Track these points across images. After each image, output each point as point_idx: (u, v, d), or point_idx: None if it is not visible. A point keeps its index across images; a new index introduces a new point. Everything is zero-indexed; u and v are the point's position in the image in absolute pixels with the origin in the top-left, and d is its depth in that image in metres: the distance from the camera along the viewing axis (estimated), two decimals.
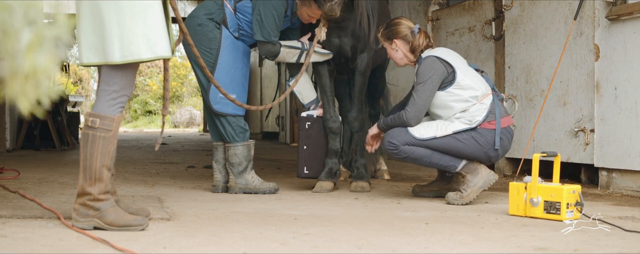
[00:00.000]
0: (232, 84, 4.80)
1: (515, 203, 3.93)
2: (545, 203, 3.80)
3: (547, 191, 3.80)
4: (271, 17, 4.71)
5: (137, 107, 31.11)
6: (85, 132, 3.21)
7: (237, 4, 4.83)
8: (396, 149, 4.43)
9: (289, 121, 13.18)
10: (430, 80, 4.41)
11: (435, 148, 4.40)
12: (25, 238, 2.95)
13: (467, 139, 4.37)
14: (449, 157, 4.43)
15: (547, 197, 3.80)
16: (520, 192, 3.91)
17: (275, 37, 4.77)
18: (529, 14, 6.05)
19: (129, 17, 3.11)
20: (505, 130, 4.44)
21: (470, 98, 4.38)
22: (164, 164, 7.59)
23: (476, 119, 4.37)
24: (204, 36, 4.79)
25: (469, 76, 4.44)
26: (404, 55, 4.64)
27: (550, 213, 3.78)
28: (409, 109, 4.44)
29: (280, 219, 3.65)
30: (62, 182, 5.35)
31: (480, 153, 4.41)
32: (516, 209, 3.93)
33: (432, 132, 4.39)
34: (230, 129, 4.85)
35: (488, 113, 4.38)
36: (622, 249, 2.95)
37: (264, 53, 4.89)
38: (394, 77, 8.22)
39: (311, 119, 5.11)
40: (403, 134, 4.43)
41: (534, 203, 3.82)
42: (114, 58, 3.12)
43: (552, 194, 3.78)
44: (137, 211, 3.45)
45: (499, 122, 4.39)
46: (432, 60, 4.45)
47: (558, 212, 3.75)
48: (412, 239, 3.11)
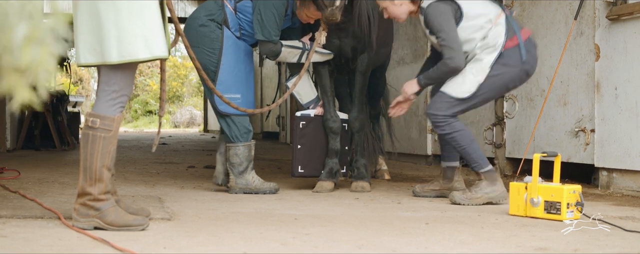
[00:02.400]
0: (237, 84, 4.83)
1: (516, 203, 3.93)
2: (546, 203, 3.80)
3: (548, 191, 3.80)
4: (271, 16, 4.71)
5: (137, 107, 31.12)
6: (86, 132, 3.21)
7: (238, 4, 4.84)
8: (444, 121, 4.36)
9: (289, 121, 13.19)
10: (446, 23, 4.32)
11: (482, 98, 4.37)
12: (25, 238, 2.95)
13: (500, 70, 4.32)
14: (482, 154, 4.40)
15: (548, 197, 3.80)
16: (520, 192, 3.91)
17: (276, 37, 4.78)
18: (529, 13, 6.05)
19: (127, 17, 3.11)
20: (527, 42, 4.39)
21: (484, 24, 4.33)
22: (165, 164, 7.59)
23: (498, 41, 4.32)
24: (206, 37, 4.80)
25: (474, 4, 4.39)
26: (407, 6, 4.53)
27: (550, 213, 3.78)
28: (448, 55, 4.31)
29: (280, 219, 3.64)
30: (63, 182, 5.35)
31: (516, 75, 4.35)
32: (516, 209, 3.93)
33: (473, 81, 4.31)
34: (235, 129, 4.85)
35: (507, 31, 4.33)
36: (622, 249, 2.95)
37: (265, 52, 4.89)
38: (394, 78, 8.21)
39: (306, 118, 5.12)
40: (446, 102, 4.35)
41: (535, 203, 3.82)
42: (112, 58, 3.12)
43: (553, 194, 3.78)
44: (138, 211, 3.44)
45: (519, 36, 4.34)
46: (435, 5, 4.38)
47: (558, 212, 3.75)
48: (412, 239, 3.11)
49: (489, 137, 6.66)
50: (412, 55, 8.13)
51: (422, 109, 7.86)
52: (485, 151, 6.73)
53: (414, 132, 8.04)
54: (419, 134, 7.93)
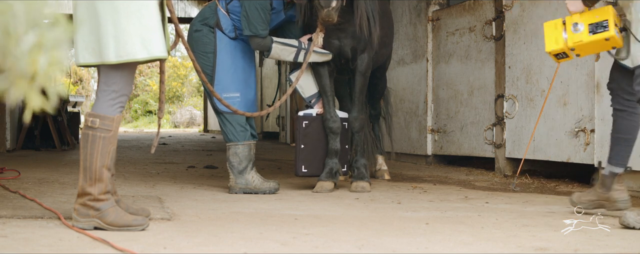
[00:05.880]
0: (234, 84, 4.91)
1: (553, 38, 3.65)
2: (590, 25, 3.54)
3: (591, 15, 3.55)
4: (255, 10, 4.76)
5: (137, 107, 31.12)
6: (86, 132, 3.21)
7: (228, 6, 4.96)
8: None
9: (289, 121, 13.18)
10: None
11: None
12: (25, 238, 2.94)
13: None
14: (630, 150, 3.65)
15: (592, 20, 3.55)
16: (557, 26, 3.66)
17: (264, 31, 4.81)
18: (529, 14, 6.05)
19: (124, 16, 3.11)
20: None
21: None
22: (164, 164, 7.59)
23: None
24: (200, 41, 4.94)
25: None
26: None
27: (596, 33, 3.50)
28: None
29: (280, 220, 3.64)
30: (63, 182, 5.35)
31: None
32: (555, 44, 3.65)
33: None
34: (230, 127, 4.88)
35: None
36: (623, 249, 2.95)
37: (255, 47, 4.94)
38: (394, 78, 8.22)
39: (309, 118, 5.13)
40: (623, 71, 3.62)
41: (577, 29, 3.56)
42: (110, 58, 3.12)
43: (597, 15, 3.53)
44: (138, 211, 3.44)
45: None
46: None
47: (606, 29, 3.47)
48: (412, 239, 3.11)
49: (489, 137, 6.66)
50: (412, 56, 8.12)
51: (422, 109, 7.87)
52: (485, 151, 6.74)
53: (414, 132, 8.04)
54: (419, 134, 7.93)
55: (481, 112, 6.81)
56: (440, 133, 7.54)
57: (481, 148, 6.81)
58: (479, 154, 6.88)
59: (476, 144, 6.90)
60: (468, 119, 7.02)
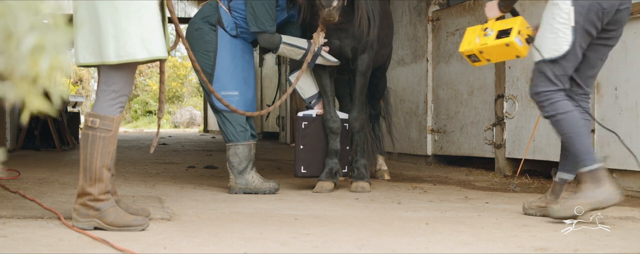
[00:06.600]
0: (233, 82, 4.89)
1: (468, 40, 3.97)
2: (499, 32, 3.84)
3: (503, 23, 3.87)
4: (262, 6, 4.76)
5: (137, 108, 31.11)
6: (85, 132, 3.21)
7: (231, 3, 4.93)
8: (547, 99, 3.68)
9: (289, 122, 13.18)
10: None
11: None
12: (25, 238, 2.94)
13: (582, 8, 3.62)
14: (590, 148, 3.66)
15: (502, 27, 3.85)
16: (475, 31, 3.97)
17: (271, 27, 4.81)
18: (529, 13, 6.05)
19: (124, 16, 3.11)
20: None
21: None
22: (164, 164, 7.58)
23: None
24: (201, 39, 4.91)
25: None
26: None
27: (500, 38, 3.81)
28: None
29: (280, 220, 3.64)
30: (63, 182, 5.35)
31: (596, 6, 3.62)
32: (467, 45, 3.95)
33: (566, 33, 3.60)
34: (230, 127, 4.87)
35: None
36: (623, 249, 2.95)
37: (264, 44, 4.93)
38: (394, 78, 8.22)
39: (308, 118, 5.13)
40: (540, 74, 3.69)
41: (487, 34, 3.86)
42: (110, 58, 3.12)
43: (507, 24, 3.84)
44: (138, 211, 3.44)
45: None
46: None
47: (508, 35, 3.77)
48: (412, 239, 3.11)
49: (489, 137, 6.66)
50: (412, 55, 8.13)
51: (422, 109, 7.87)
52: (485, 151, 6.74)
53: (414, 132, 8.04)
54: (419, 134, 7.93)
55: (481, 113, 6.81)
56: (440, 133, 7.54)
57: (481, 148, 6.81)
58: (479, 154, 6.88)
59: (476, 144, 6.90)
60: (468, 119, 7.02)
